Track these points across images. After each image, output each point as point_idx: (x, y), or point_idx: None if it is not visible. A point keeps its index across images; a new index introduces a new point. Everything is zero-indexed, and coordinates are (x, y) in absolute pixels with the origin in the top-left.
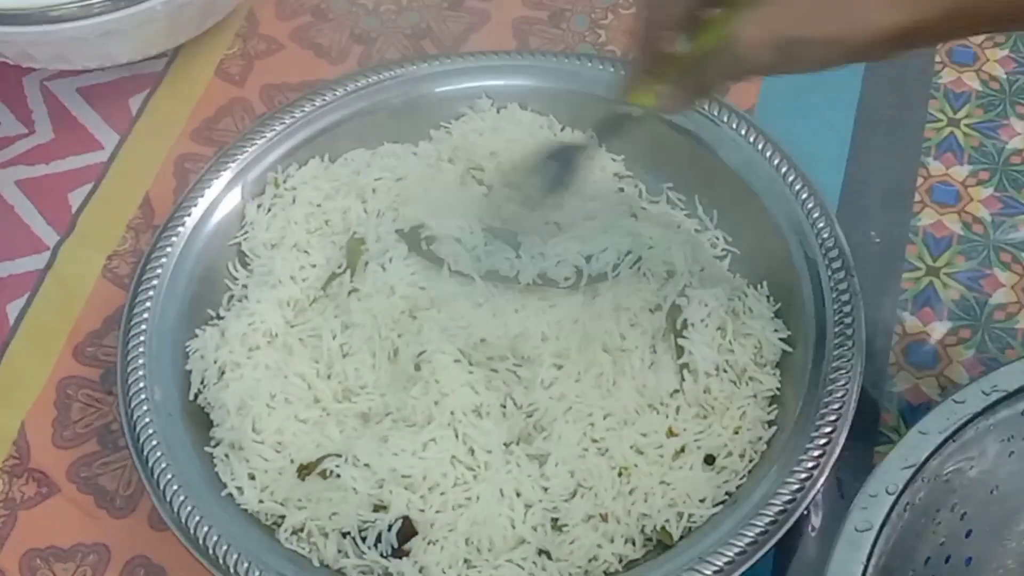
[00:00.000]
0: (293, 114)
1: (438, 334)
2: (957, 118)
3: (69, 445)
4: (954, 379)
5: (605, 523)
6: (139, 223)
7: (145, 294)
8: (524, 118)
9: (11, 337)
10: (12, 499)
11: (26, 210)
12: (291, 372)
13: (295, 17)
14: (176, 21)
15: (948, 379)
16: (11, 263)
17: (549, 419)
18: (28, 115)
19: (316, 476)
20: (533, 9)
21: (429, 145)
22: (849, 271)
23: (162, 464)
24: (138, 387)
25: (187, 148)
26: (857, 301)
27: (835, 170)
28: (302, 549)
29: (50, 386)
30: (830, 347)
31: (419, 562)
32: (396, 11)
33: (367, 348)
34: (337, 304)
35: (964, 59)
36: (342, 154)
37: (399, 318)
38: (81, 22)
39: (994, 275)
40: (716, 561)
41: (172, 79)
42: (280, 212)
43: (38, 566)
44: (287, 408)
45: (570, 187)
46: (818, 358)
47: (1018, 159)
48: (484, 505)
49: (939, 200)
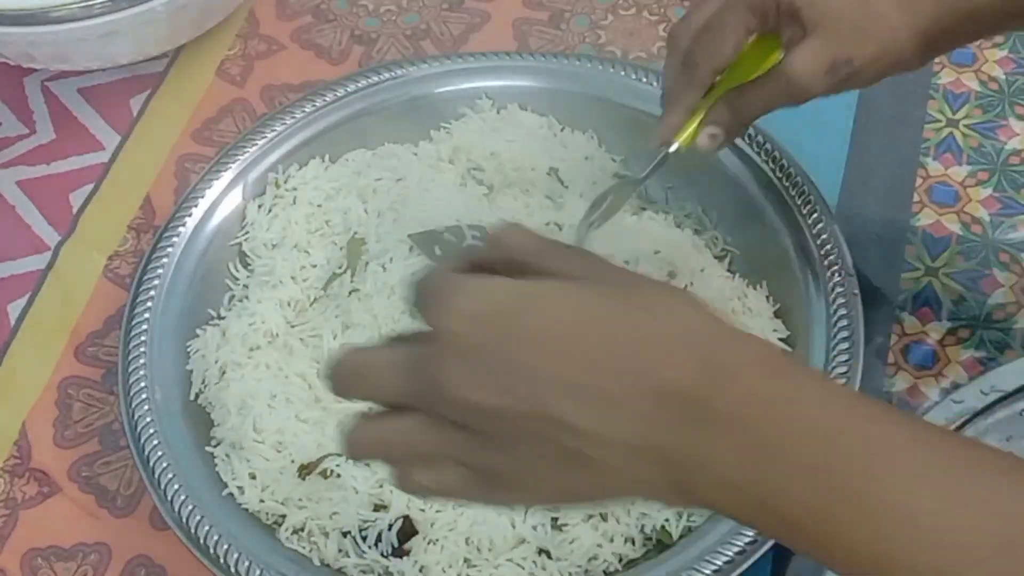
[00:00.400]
0: (294, 115)
1: None
2: (956, 119)
3: (70, 445)
4: (953, 379)
5: (605, 522)
6: (140, 223)
7: (146, 294)
8: (524, 118)
9: (12, 337)
10: (13, 499)
11: (27, 210)
12: (292, 372)
13: (295, 18)
14: (177, 22)
15: (947, 379)
16: (12, 263)
17: None
18: (29, 115)
19: (317, 476)
20: (533, 9)
21: (429, 145)
22: (848, 271)
23: (163, 464)
24: (139, 387)
25: (188, 148)
26: (856, 301)
27: (835, 170)
28: (303, 548)
29: (51, 386)
30: (830, 347)
31: (419, 561)
32: (396, 12)
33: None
34: (338, 304)
35: (963, 60)
36: (343, 154)
37: (399, 318)
38: (82, 23)
39: (993, 275)
40: (716, 560)
41: (173, 80)
42: (281, 212)
43: (39, 566)
44: (288, 408)
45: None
46: (817, 358)
47: (1017, 159)
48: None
49: (938, 200)
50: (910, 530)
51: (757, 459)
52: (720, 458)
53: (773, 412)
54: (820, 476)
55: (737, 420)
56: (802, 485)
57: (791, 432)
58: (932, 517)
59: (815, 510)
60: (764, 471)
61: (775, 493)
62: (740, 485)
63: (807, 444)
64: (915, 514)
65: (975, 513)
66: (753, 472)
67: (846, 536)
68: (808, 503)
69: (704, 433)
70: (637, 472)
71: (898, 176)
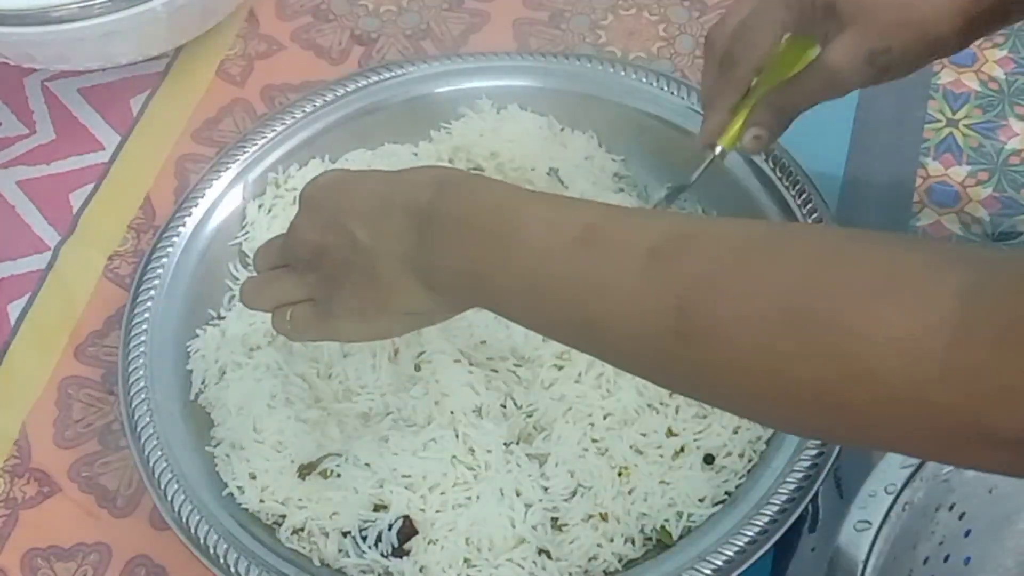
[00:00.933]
0: (294, 114)
1: (438, 334)
2: (956, 119)
3: (70, 445)
4: None
5: (605, 523)
6: (140, 223)
7: (146, 294)
8: (524, 118)
9: (12, 337)
10: (13, 499)
11: (27, 210)
12: (292, 372)
13: (296, 18)
14: (177, 22)
15: None
16: (12, 263)
17: (549, 419)
18: (29, 115)
19: (316, 476)
20: (533, 9)
21: (429, 145)
22: None
23: (163, 464)
24: (139, 387)
25: (188, 148)
26: None
27: (835, 170)
28: (303, 549)
29: (51, 386)
30: None
31: (419, 561)
32: (396, 12)
33: (367, 348)
34: None
35: (963, 60)
36: (342, 155)
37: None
38: (82, 23)
39: None
40: (715, 560)
41: (173, 80)
42: (281, 212)
43: (39, 566)
44: (288, 408)
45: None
46: None
47: (1017, 159)
48: (484, 505)
49: (938, 200)
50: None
51: (471, 245)
52: (448, 251)
53: (484, 207)
54: (491, 237)
55: (458, 219)
56: (484, 248)
57: (481, 210)
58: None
59: (485, 264)
60: (477, 251)
61: (480, 264)
62: (462, 270)
63: (489, 217)
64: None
65: (563, 217)
66: (470, 255)
67: (498, 279)
68: (485, 259)
69: (436, 235)
70: (403, 282)
71: (898, 176)
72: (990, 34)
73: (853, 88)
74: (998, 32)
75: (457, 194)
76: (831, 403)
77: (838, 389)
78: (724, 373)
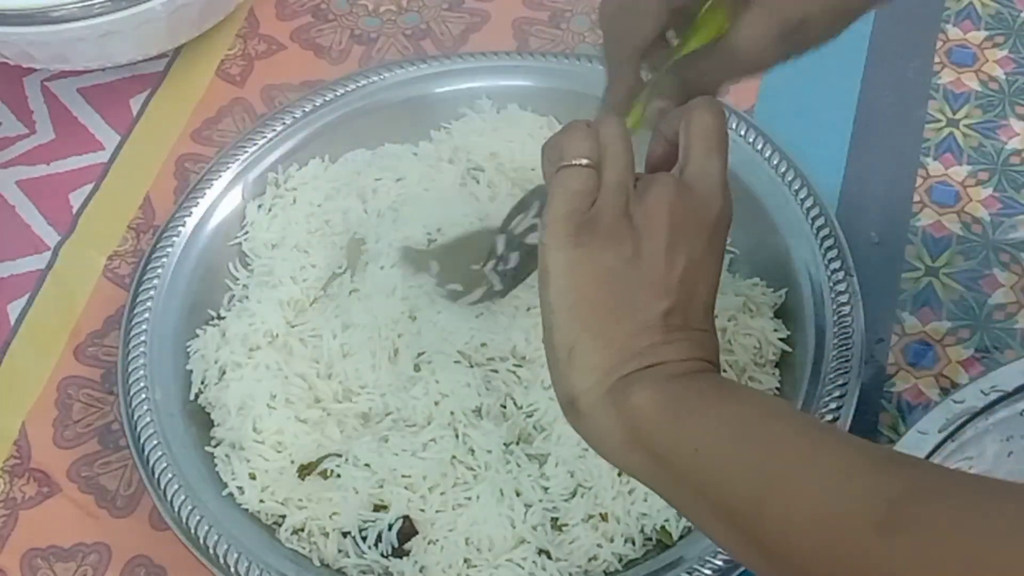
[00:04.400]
0: (293, 114)
1: (438, 335)
2: (956, 118)
3: (70, 445)
4: (953, 379)
5: (605, 523)
6: (140, 223)
7: (146, 294)
8: (524, 118)
9: (12, 337)
10: (13, 499)
11: (27, 210)
12: (292, 372)
13: (295, 17)
14: (176, 21)
15: (947, 379)
16: (12, 263)
17: (549, 419)
18: (29, 115)
19: (316, 476)
20: (533, 9)
21: (429, 145)
22: (848, 271)
23: (163, 464)
24: (139, 387)
25: (188, 148)
26: (856, 301)
27: (835, 170)
28: (302, 549)
29: (51, 386)
30: (829, 347)
31: (419, 562)
32: (396, 11)
33: (367, 348)
34: (337, 304)
35: (963, 60)
36: (342, 154)
37: (399, 318)
38: (81, 22)
39: (993, 275)
40: (716, 560)
41: (173, 79)
42: (280, 212)
43: (39, 566)
44: (288, 408)
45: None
46: (818, 358)
47: (1017, 159)
48: (484, 505)
49: (938, 200)
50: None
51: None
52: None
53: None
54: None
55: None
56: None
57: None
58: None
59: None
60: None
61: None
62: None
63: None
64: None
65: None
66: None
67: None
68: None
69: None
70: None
71: (898, 176)
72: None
73: (768, 67)
74: (998, 32)
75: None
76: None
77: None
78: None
